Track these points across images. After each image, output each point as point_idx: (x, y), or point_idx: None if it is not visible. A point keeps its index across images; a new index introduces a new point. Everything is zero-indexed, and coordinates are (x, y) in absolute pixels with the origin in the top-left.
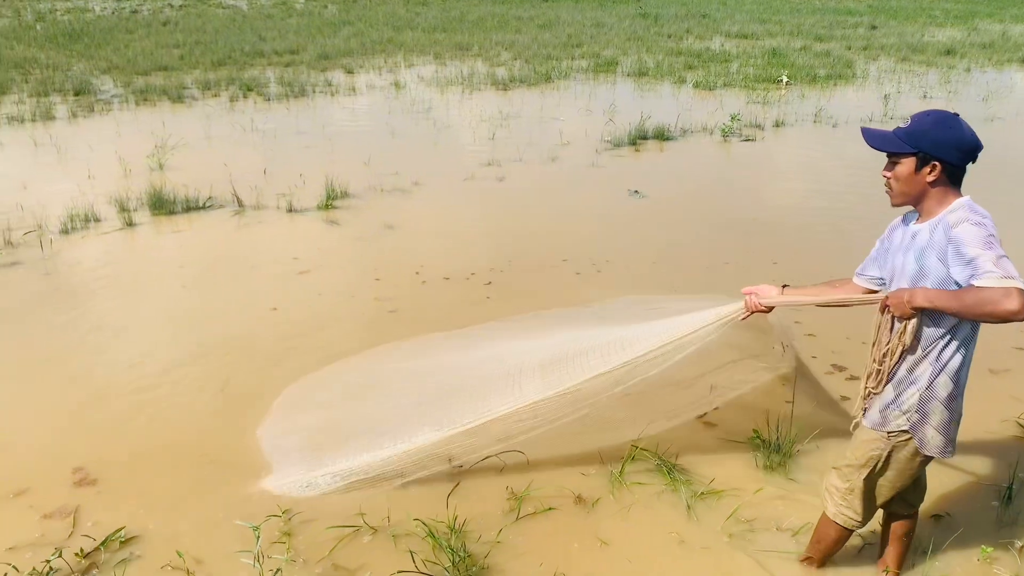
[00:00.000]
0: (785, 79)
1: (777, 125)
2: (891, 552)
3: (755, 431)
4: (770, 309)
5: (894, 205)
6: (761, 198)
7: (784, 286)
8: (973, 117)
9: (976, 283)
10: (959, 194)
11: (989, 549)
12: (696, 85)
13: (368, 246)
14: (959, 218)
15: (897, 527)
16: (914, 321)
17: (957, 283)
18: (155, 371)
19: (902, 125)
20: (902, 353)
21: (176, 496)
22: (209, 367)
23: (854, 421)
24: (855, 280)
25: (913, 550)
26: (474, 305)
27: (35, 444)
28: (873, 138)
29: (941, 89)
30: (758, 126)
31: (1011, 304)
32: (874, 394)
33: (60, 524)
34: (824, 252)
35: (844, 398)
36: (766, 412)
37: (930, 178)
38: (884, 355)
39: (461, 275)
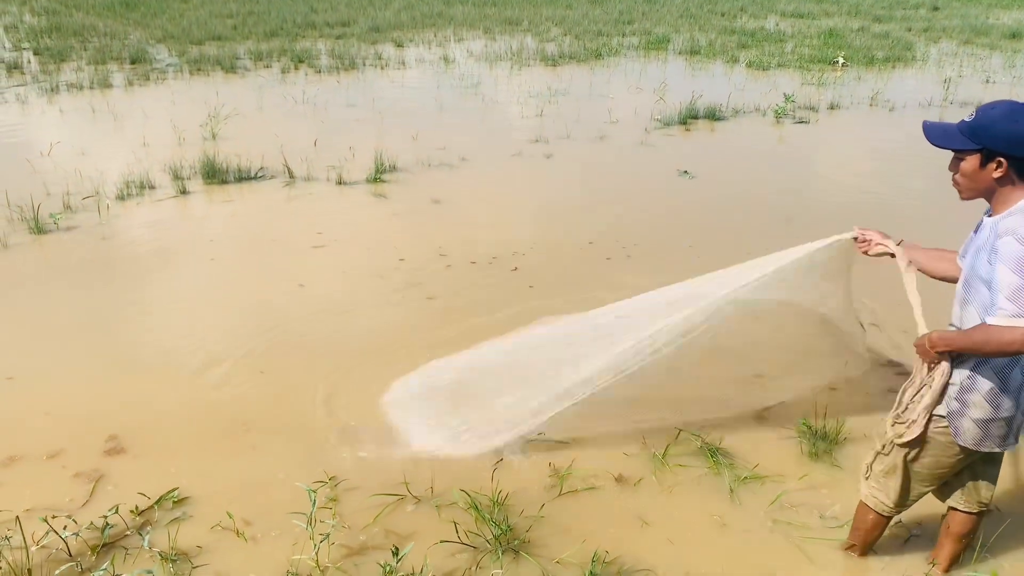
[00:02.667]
0: (841, 61)
1: (832, 107)
2: (944, 550)
3: (802, 419)
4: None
5: (963, 199)
6: (812, 182)
7: (900, 242)
8: None
9: (988, 319)
10: None
11: None
12: (749, 65)
13: (415, 223)
14: (1009, 227)
15: (955, 525)
16: (944, 365)
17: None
18: (196, 343)
19: (967, 119)
20: (924, 389)
21: (215, 463)
22: (247, 342)
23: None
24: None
25: None
26: (516, 295)
27: (74, 408)
28: (934, 134)
29: (1005, 74)
30: (812, 108)
31: (1014, 347)
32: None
33: (86, 488)
34: None
35: (891, 390)
36: (813, 399)
37: (996, 175)
38: (916, 392)
39: (500, 256)
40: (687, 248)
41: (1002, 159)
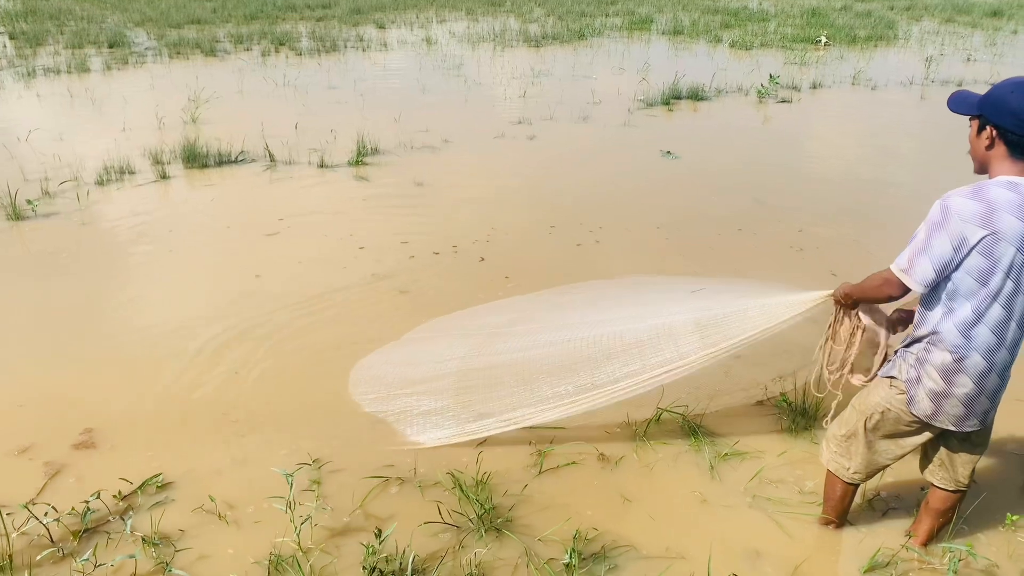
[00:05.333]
0: (824, 40)
1: (814, 87)
2: (923, 524)
3: (782, 394)
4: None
5: (974, 171)
6: (793, 162)
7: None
8: None
9: (890, 266)
10: (1018, 169)
11: (1015, 517)
12: (732, 45)
13: (402, 209)
14: (951, 193)
15: (934, 501)
16: (857, 318)
17: None
18: (176, 331)
19: None
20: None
21: (196, 450)
22: (228, 332)
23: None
24: None
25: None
26: (495, 287)
27: (48, 400)
28: (955, 98)
29: (986, 52)
30: (795, 87)
31: (885, 290)
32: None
33: (63, 478)
34: (853, 222)
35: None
36: (793, 375)
37: (986, 143)
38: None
39: (481, 240)
40: (657, 230)
41: (993, 128)
